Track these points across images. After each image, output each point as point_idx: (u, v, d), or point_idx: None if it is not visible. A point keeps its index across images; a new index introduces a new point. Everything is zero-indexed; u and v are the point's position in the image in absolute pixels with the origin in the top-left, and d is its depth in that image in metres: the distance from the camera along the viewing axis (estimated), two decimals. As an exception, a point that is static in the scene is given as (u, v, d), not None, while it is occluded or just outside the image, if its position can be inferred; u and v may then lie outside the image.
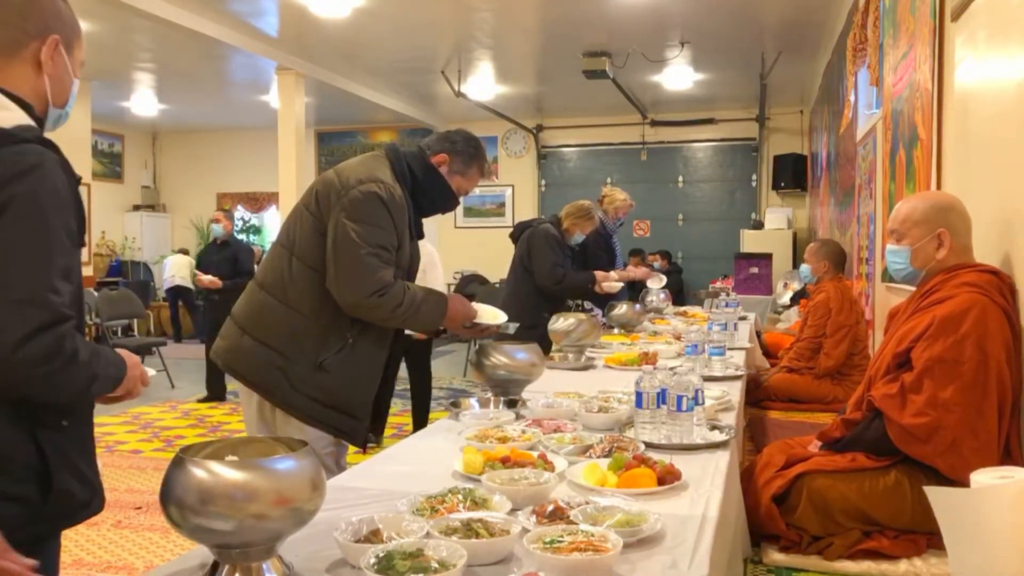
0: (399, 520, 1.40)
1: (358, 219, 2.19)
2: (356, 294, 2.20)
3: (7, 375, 1.24)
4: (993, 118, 2.42)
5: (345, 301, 2.21)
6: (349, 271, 2.19)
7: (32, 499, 1.32)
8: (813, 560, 2.41)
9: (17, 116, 1.35)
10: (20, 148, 1.30)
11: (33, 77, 1.42)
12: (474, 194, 12.16)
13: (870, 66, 4.75)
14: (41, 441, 1.33)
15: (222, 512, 1.14)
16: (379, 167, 2.33)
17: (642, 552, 1.38)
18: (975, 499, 1.43)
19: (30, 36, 1.40)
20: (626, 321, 4.51)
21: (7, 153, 1.28)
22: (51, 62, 1.43)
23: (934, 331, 2.31)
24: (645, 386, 2.13)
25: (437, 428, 2.39)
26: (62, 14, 1.45)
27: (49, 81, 1.44)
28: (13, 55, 1.39)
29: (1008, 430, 2.26)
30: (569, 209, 4.60)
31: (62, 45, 1.44)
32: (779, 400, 4.88)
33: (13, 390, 1.28)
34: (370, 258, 2.19)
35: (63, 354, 1.27)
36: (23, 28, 1.40)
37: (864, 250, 5.22)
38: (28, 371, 1.24)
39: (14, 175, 1.27)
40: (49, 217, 1.29)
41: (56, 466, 1.34)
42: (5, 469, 1.30)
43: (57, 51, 1.43)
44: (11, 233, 1.25)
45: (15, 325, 1.23)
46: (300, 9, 6.72)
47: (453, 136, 2.48)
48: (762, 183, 11.27)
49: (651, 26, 7.26)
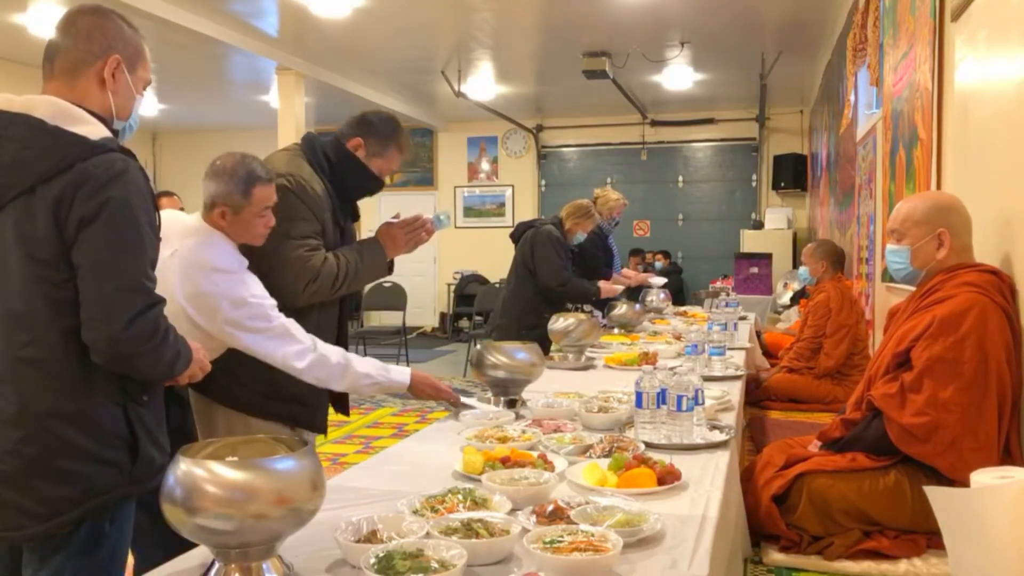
0: (399, 520, 1.41)
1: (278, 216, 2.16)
2: (294, 288, 2.21)
3: (118, 350, 1.48)
4: (993, 118, 2.42)
5: (287, 297, 2.18)
6: (283, 268, 2.21)
7: (123, 463, 1.54)
8: (813, 560, 2.42)
9: (100, 130, 1.52)
10: (109, 157, 1.49)
11: (98, 93, 1.58)
12: (474, 194, 12.17)
13: (870, 66, 4.75)
14: (129, 415, 1.55)
15: (222, 512, 1.14)
16: (294, 161, 2.34)
17: (642, 552, 1.38)
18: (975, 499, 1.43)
19: (95, 55, 1.57)
20: (626, 321, 4.51)
21: (100, 161, 1.47)
22: (113, 79, 1.58)
23: (934, 331, 2.31)
24: (645, 386, 2.13)
25: (437, 428, 2.39)
26: (125, 35, 1.62)
27: (113, 97, 1.59)
28: (79, 73, 1.56)
29: (1008, 430, 2.26)
30: (570, 209, 4.58)
31: (124, 64, 1.60)
32: (779, 400, 4.88)
33: (121, 365, 1.50)
34: (299, 250, 2.22)
35: (160, 331, 1.52)
36: (88, 48, 1.56)
37: (864, 250, 5.22)
38: (135, 347, 1.48)
39: (107, 180, 1.47)
40: (139, 215, 1.50)
41: (141, 435, 1.57)
42: (102, 439, 1.52)
43: (119, 69, 1.59)
44: (110, 231, 1.46)
45: (123, 309, 1.47)
46: (300, 9, 6.72)
47: (369, 118, 2.48)
48: (762, 183, 11.26)
49: (651, 26, 7.26)
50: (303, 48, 8.18)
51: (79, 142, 1.48)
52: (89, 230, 1.46)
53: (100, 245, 1.46)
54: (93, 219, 1.46)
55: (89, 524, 1.51)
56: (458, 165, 12.31)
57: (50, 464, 1.48)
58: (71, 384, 1.50)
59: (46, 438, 1.48)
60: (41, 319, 1.48)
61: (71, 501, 1.48)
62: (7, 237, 1.49)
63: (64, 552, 1.50)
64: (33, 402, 1.48)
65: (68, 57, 1.56)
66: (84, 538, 1.51)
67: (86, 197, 1.45)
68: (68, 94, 1.54)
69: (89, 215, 1.45)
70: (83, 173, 1.46)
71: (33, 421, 1.48)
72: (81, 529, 1.51)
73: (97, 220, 1.46)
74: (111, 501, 1.52)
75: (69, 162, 1.46)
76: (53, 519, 1.48)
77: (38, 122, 1.48)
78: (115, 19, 1.62)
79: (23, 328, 1.49)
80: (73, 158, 1.46)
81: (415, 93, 10.32)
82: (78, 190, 1.45)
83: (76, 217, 1.45)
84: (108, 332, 1.46)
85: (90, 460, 1.51)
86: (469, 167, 12.31)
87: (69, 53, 1.56)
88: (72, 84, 1.56)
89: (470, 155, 12.30)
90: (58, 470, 1.48)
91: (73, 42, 1.56)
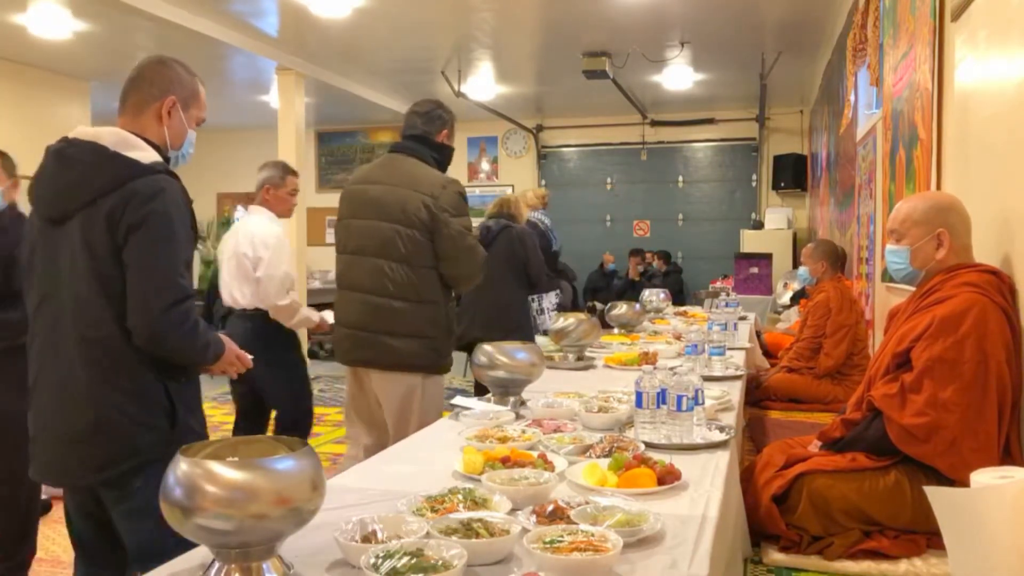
0: (399, 520, 1.40)
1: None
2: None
3: (153, 335, 1.80)
4: (993, 118, 2.42)
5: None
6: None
7: (164, 429, 1.86)
8: (813, 560, 2.42)
9: (152, 155, 1.88)
10: (154, 177, 1.84)
11: (157, 126, 1.95)
12: (474, 194, 12.16)
13: (870, 66, 4.75)
14: (170, 390, 1.87)
15: (222, 512, 1.14)
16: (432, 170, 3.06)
17: (642, 552, 1.37)
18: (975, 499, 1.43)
19: (155, 97, 1.95)
20: (626, 321, 4.51)
21: (146, 181, 1.82)
22: (168, 116, 1.96)
23: (934, 331, 2.31)
24: (645, 386, 2.13)
25: (437, 428, 2.39)
26: (182, 80, 1.99)
27: (167, 130, 1.97)
28: (144, 110, 1.95)
29: (1008, 430, 2.26)
30: (512, 201, 4.80)
31: (179, 104, 1.97)
32: (779, 400, 4.88)
33: (156, 348, 1.82)
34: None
35: (189, 321, 1.84)
36: (150, 91, 1.95)
37: (864, 250, 5.21)
38: (169, 332, 1.81)
39: (150, 196, 1.81)
40: (175, 225, 1.84)
41: (179, 407, 1.88)
42: (147, 407, 1.85)
43: (174, 108, 1.97)
44: (151, 238, 1.80)
45: (160, 300, 1.79)
46: (300, 9, 6.72)
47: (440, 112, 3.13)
48: (762, 183, 11.26)
49: (651, 26, 7.26)
50: (303, 48, 8.18)
51: (131, 164, 1.83)
52: (134, 236, 1.79)
53: (142, 248, 1.80)
54: (138, 227, 1.79)
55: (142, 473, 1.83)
56: (458, 165, 12.30)
57: (105, 427, 1.82)
58: (122, 361, 1.82)
59: (103, 406, 1.81)
60: (99, 306, 1.81)
61: (120, 457, 1.82)
62: (76, 238, 1.83)
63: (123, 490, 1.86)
64: (94, 375, 1.81)
65: (135, 97, 1.95)
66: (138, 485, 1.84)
67: (133, 209, 1.79)
68: (132, 126, 1.92)
69: (135, 224, 1.79)
70: (132, 190, 1.80)
71: (94, 391, 1.81)
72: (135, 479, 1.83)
73: (141, 228, 1.79)
74: (152, 459, 1.80)
75: (122, 181, 1.81)
76: (105, 471, 1.83)
77: (101, 148, 1.84)
78: (175, 67, 2.00)
79: (86, 312, 1.82)
80: (125, 178, 1.81)
81: (415, 93, 10.30)
82: (127, 203, 1.79)
83: (125, 225, 1.79)
84: (144, 319, 1.79)
85: (136, 424, 1.83)
86: (469, 167, 12.31)
87: (136, 94, 1.95)
88: (137, 118, 1.94)
89: (470, 155, 12.30)
90: (111, 432, 1.82)
91: (139, 85, 1.96)
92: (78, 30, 7.36)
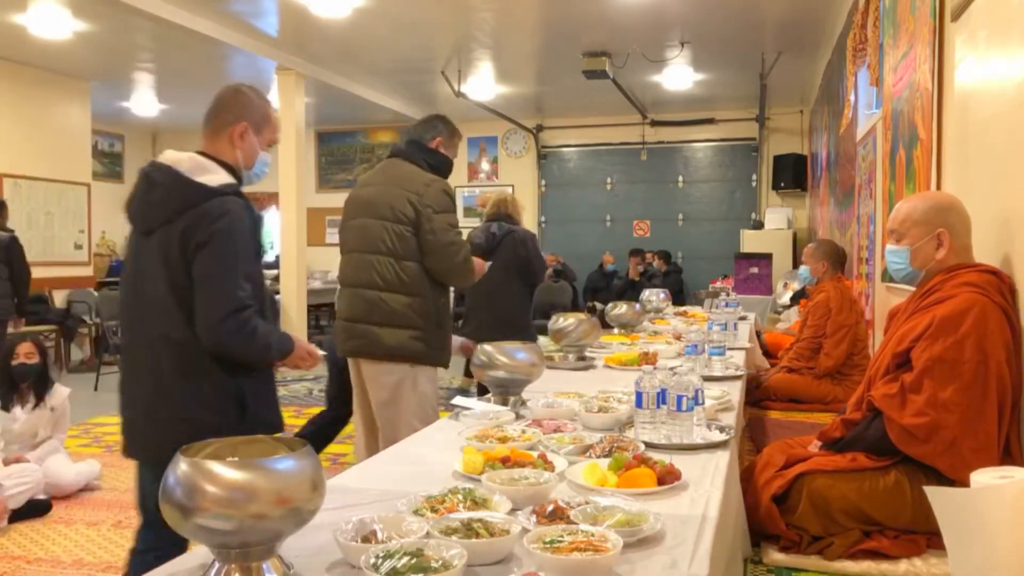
0: (399, 520, 1.40)
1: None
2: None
3: (215, 341, 2.03)
4: (993, 118, 2.42)
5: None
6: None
7: (233, 415, 2.08)
8: (813, 560, 2.41)
9: (222, 178, 2.11)
10: (221, 199, 2.07)
11: (229, 149, 2.19)
12: (474, 194, 12.17)
13: (870, 66, 4.75)
14: (239, 383, 2.10)
15: (222, 512, 1.14)
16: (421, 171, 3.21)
17: (642, 552, 1.37)
18: (975, 499, 1.43)
19: (228, 123, 2.18)
20: (626, 321, 4.51)
21: (214, 203, 2.06)
22: (240, 140, 2.19)
23: (934, 331, 2.31)
24: (645, 386, 2.13)
25: (437, 428, 2.39)
26: (254, 106, 2.22)
27: (240, 152, 2.20)
28: (220, 134, 2.19)
29: (1008, 430, 2.26)
30: (509, 200, 4.85)
31: (251, 129, 2.20)
32: (779, 400, 4.88)
33: (217, 351, 2.05)
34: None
35: (247, 328, 2.05)
36: (225, 117, 2.19)
37: (864, 250, 5.21)
38: (226, 339, 2.04)
39: (216, 217, 2.04)
40: (238, 243, 2.06)
41: (249, 398, 2.11)
42: (219, 398, 2.09)
43: (246, 133, 2.19)
44: (214, 255, 2.03)
45: (219, 309, 2.02)
46: (300, 9, 6.72)
47: (436, 122, 3.28)
48: (762, 183, 11.26)
49: (651, 26, 7.26)
50: (303, 48, 8.18)
51: (202, 189, 2.07)
52: (201, 252, 2.02)
53: (206, 264, 2.03)
54: (204, 244, 2.02)
55: None
56: (458, 165, 12.15)
57: (180, 413, 2.06)
58: (196, 359, 2.06)
59: (181, 396, 2.07)
60: (174, 311, 2.05)
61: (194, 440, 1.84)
62: (155, 252, 2.08)
63: None
64: (173, 369, 2.07)
65: (213, 122, 2.20)
66: None
67: (201, 229, 2.02)
68: (210, 148, 2.18)
69: (202, 241, 2.02)
70: (201, 211, 2.04)
71: (174, 383, 2.08)
72: None
73: (207, 245, 2.02)
74: None
75: (193, 203, 2.05)
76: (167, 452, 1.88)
77: (177, 172, 2.08)
78: (248, 94, 2.23)
79: (164, 315, 2.07)
80: (196, 200, 2.05)
81: (415, 93, 10.31)
82: (197, 223, 2.03)
83: (194, 242, 2.03)
84: (205, 328, 2.03)
85: (210, 413, 2.07)
86: (469, 167, 12.31)
87: (214, 120, 2.20)
88: (214, 141, 2.19)
89: (470, 155, 12.30)
90: (188, 419, 2.05)
91: (216, 112, 2.20)
92: (78, 30, 7.36)
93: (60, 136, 9.34)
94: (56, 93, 9.23)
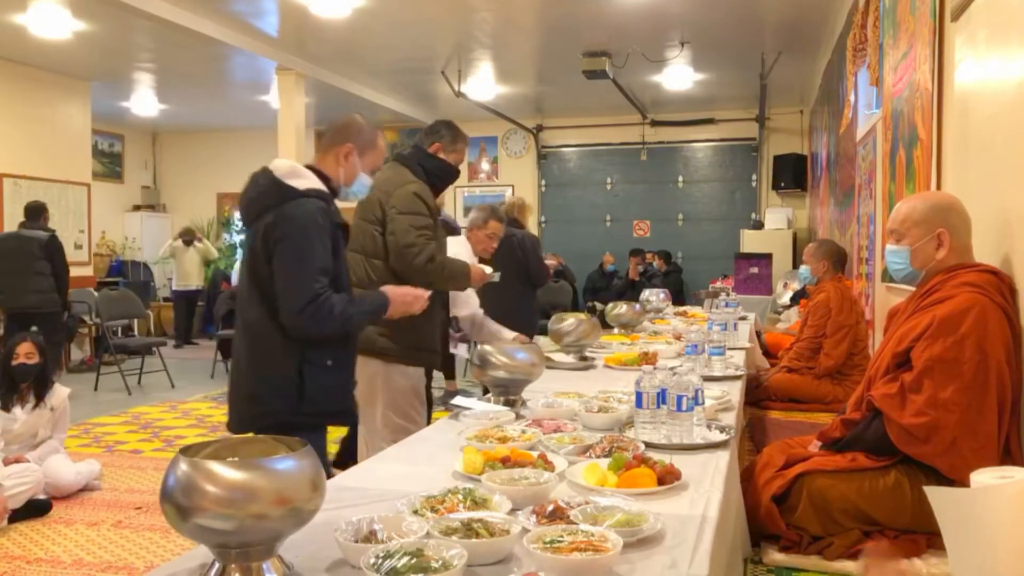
0: (399, 520, 1.40)
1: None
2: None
3: (295, 328, 2.27)
4: (993, 118, 2.42)
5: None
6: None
7: (292, 398, 2.31)
8: (813, 560, 2.42)
9: (311, 183, 2.35)
10: (303, 200, 2.30)
11: (333, 165, 2.46)
12: (474, 194, 12.18)
13: (870, 66, 4.75)
14: (302, 369, 2.31)
15: (222, 512, 1.14)
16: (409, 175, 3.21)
17: (642, 552, 1.37)
18: (975, 499, 1.43)
19: (336, 143, 2.46)
20: (626, 321, 4.51)
21: (296, 203, 2.29)
22: (344, 160, 2.46)
23: (934, 331, 2.31)
24: (645, 386, 2.13)
25: (437, 428, 2.39)
26: (361, 131, 2.49)
27: (342, 170, 2.47)
28: (329, 151, 2.47)
29: (1008, 430, 2.26)
30: (517, 205, 4.94)
31: (355, 152, 2.46)
32: (779, 400, 4.88)
33: (299, 334, 2.28)
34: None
35: (322, 312, 2.25)
36: (335, 138, 2.47)
37: (864, 250, 5.21)
38: (306, 325, 2.26)
39: (295, 216, 2.28)
40: (312, 239, 2.27)
41: (308, 384, 2.31)
42: (281, 378, 2.31)
43: (351, 154, 2.46)
44: (290, 249, 2.26)
45: (295, 301, 2.25)
46: (300, 9, 6.72)
47: (436, 126, 3.25)
48: (762, 183, 11.26)
49: (651, 26, 7.26)
50: (303, 48, 8.18)
51: (288, 190, 2.31)
52: (279, 247, 2.26)
53: (283, 258, 2.26)
54: (282, 239, 2.26)
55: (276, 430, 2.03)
56: (458, 165, 12.30)
57: (252, 394, 2.36)
58: (268, 345, 2.31)
59: (254, 380, 2.36)
60: (254, 298, 2.32)
61: (261, 416, 2.33)
62: (247, 244, 2.36)
63: None
64: (252, 356, 2.36)
65: (325, 141, 2.47)
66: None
67: (281, 226, 2.27)
68: (319, 162, 2.45)
69: (279, 237, 2.26)
70: (284, 209, 2.28)
71: (251, 366, 2.36)
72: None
73: (284, 241, 2.26)
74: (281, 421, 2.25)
75: (279, 202, 2.30)
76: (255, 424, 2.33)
77: (271, 174, 2.34)
78: (360, 122, 2.51)
79: (249, 307, 2.34)
80: (282, 199, 2.30)
81: (415, 93, 10.32)
82: (279, 220, 2.27)
83: (274, 237, 2.27)
84: (287, 317, 2.26)
85: (274, 394, 2.32)
86: (469, 167, 12.31)
87: (326, 139, 2.47)
88: (323, 156, 2.47)
89: (470, 155, 12.28)
90: (258, 398, 2.34)
91: (329, 132, 2.48)
92: (78, 30, 7.36)
93: (60, 136, 9.34)
94: (56, 93, 9.23)
